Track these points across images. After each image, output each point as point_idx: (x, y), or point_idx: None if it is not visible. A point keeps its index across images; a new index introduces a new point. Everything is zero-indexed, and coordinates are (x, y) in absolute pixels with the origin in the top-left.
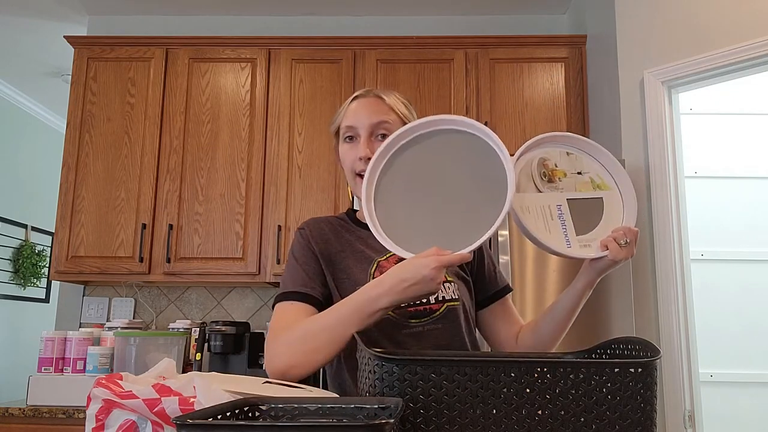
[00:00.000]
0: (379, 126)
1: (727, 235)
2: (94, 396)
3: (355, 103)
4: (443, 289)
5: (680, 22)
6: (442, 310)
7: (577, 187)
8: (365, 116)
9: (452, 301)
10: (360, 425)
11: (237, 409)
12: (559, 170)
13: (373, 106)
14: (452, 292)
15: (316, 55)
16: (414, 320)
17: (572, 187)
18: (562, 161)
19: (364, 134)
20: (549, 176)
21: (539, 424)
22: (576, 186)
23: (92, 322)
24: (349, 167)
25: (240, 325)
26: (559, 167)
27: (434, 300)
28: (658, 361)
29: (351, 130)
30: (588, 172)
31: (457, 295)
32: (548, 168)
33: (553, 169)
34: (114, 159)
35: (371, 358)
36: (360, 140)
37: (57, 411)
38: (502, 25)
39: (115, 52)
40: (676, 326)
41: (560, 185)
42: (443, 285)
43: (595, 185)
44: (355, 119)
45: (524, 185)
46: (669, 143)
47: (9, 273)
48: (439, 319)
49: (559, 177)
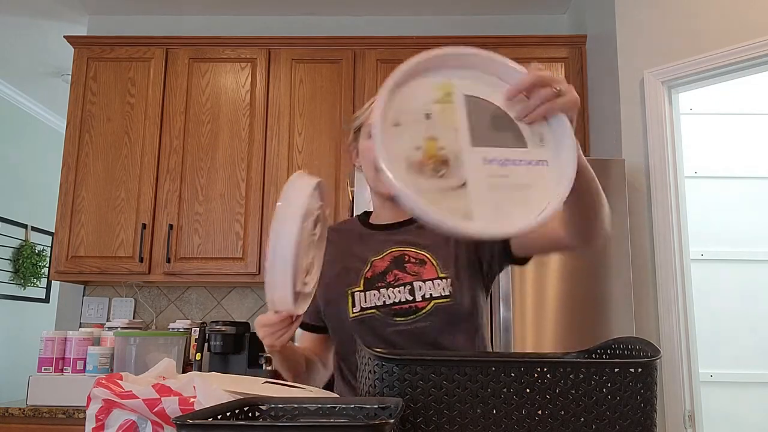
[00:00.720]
0: None
1: (727, 235)
2: (94, 396)
3: None
4: (432, 287)
5: (680, 22)
6: (428, 308)
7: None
8: None
9: (441, 299)
10: (360, 425)
11: (237, 409)
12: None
13: None
14: (442, 289)
15: (316, 55)
16: (399, 318)
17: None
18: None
19: None
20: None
21: (539, 424)
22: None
23: (92, 322)
24: (373, 163)
25: (240, 325)
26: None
27: (420, 298)
28: (658, 361)
29: None
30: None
31: (448, 292)
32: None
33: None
34: (114, 159)
35: (371, 358)
36: None
37: (57, 411)
38: (502, 24)
39: (115, 52)
40: (676, 326)
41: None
42: (433, 282)
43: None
44: None
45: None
46: (669, 143)
47: (9, 273)
48: (426, 316)
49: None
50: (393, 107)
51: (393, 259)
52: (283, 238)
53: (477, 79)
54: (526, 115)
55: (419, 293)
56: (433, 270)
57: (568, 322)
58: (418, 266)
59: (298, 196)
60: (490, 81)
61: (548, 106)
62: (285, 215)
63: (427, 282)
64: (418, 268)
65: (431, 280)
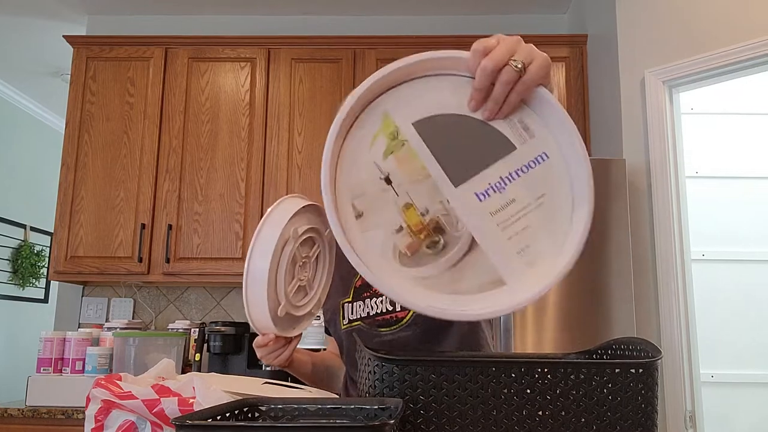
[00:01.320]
0: None
1: (728, 235)
2: (93, 396)
3: None
4: None
5: (681, 22)
6: (408, 317)
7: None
8: None
9: None
10: (360, 426)
11: (236, 410)
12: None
13: None
14: None
15: (315, 55)
16: (383, 329)
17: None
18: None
19: None
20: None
21: (540, 425)
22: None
23: (91, 322)
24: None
25: (239, 325)
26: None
27: (400, 307)
28: (659, 362)
29: None
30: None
31: None
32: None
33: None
34: (113, 159)
35: (371, 358)
36: None
37: (56, 411)
38: (502, 24)
39: (115, 52)
40: (677, 326)
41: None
42: None
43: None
44: None
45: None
46: (670, 143)
47: (8, 273)
48: (408, 326)
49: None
50: (343, 192)
51: None
52: (255, 261)
53: (412, 94)
54: (497, 112)
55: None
56: None
57: (568, 322)
58: None
59: (277, 219)
60: (428, 86)
61: (519, 90)
62: (259, 238)
63: None
64: None
65: None
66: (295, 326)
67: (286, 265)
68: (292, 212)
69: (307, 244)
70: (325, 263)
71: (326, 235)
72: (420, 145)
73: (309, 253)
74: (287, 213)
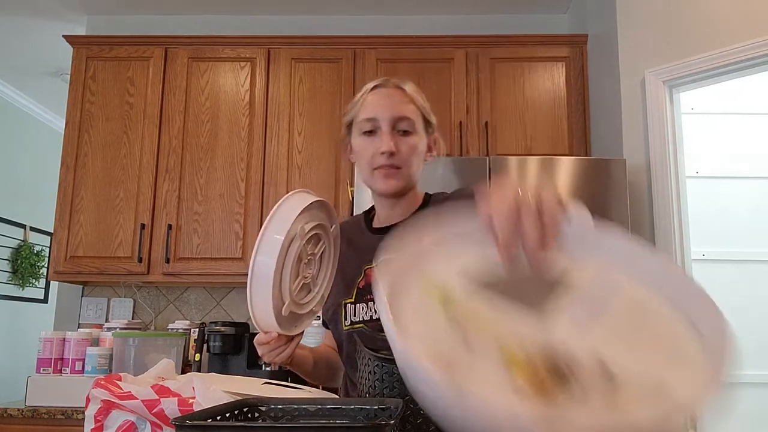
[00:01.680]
0: (401, 121)
1: (728, 235)
2: (93, 397)
3: (374, 94)
4: None
5: (681, 22)
6: None
7: None
8: (387, 108)
9: None
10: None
11: (236, 410)
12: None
13: (395, 97)
14: None
15: (315, 55)
16: (383, 333)
17: None
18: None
19: (386, 127)
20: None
21: None
22: None
23: (91, 322)
24: (367, 161)
25: (239, 325)
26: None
27: None
28: None
29: (371, 123)
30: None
31: None
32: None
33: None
34: (113, 159)
35: (371, 359)
36: (380, 133)
37: (56, 412)
38: (502, 24)
39: (114, 52)
40: None
41: None
42: None
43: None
44: (376, 111)
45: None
46: (670, 143)
47: (7, 273)
48: None
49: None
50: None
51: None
52: (261, 260)
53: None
54: (538, 265)
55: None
56: None
57: None
58: None
59: (284, 216)
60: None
61: (544, 240)
62: (265, 237)
63: None
64: None
65: None
66: (297, 324)
67: (292, 264)
68: (299, 209)
69: (312, 241)
70: (329, 260)
71: (332, 232)
72: (480, 300)
73: (314, 251)
74: (295, 210)
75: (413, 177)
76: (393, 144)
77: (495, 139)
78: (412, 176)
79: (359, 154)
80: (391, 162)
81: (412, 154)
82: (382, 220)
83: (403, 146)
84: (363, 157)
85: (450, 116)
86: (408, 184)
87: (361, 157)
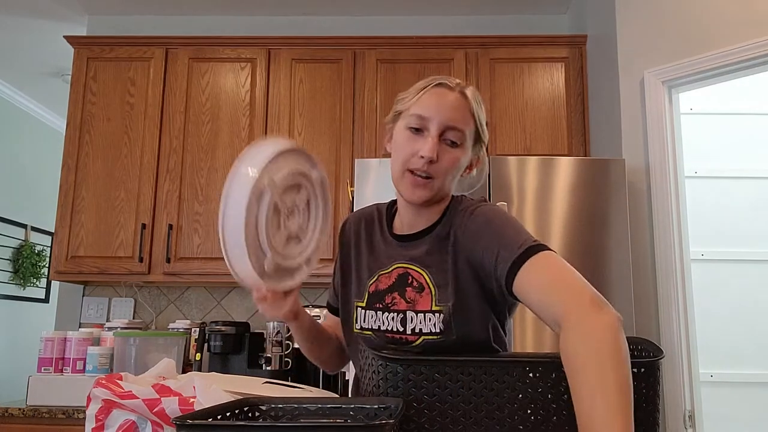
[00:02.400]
0: (452, 130)
1: (727, 235)
2: (94, 396)
3: (435, 92)
4: (423, 321)
5: (680, 22)
6: (418, 342)
7: None
8: (442, 111)
9: (431, 336)
10: (360, 426)
11: (237, 410)
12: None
13: (454, 103)
14: (433, 325)
15: (316, 55)
16: (393, 345)
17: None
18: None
19: (435, 132)
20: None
21: (542, 424)
22: None
23: (92, 322)
24: (403, 158)
25: (240, 325)
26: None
27: (410, 331)
28: (661, 361)
29: (421, 121)
30: None
31: (439, 329)
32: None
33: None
34: (114, 159)
35: (375, 358)
36: (427, 134)
37: (57, 411)
38: (502, 24)
39: (115, 52)
40: (677, 326)
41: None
42: (426, 315)
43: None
44: (430, 111)
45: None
46: (669, 143)
47: (9, 273)
48: (418, 348)
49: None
50: None
51: (398, 277)
52: (227, 220)
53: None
54: None
55: (410, 325)
56: (428, 300)
57: None
58: (416, 292)
59: (246, 170)
60: None
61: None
62: (229, 195)
63: (419, 314)
64: (415, 295)
65: (423, 312)
66: (291, 277)
67: (266, 217)
68: (264, 160)
69: (292, 191)
70: (318, 207)
71: (315, 179)
72: None
73: (295, 201)
74: (259, 161)
75: (444, 189)
76: (435, 152)
77: (494, 140)
78: (443, 188)
79: (398, 147)
80: (426, 169)
81: (451, 168)
82: (405, 224)
83: (445, 157)
84: (400, 153)
85: None
86: (435, 196)
87: (399, 151)
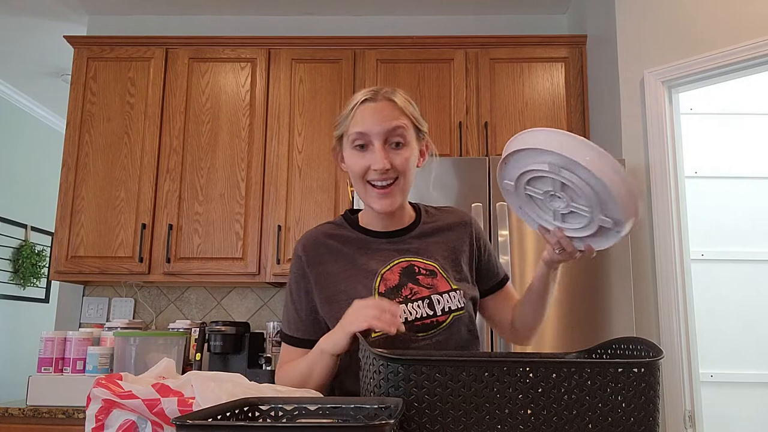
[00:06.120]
0: (393, 132)
1: (727, 235)
2: (94, 396)
3: (365, 108)
4: (449, 299)
5: (680, 22)
6: (448, 321)
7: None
8: (378, 123)
9: (458, 311)
10: (360, 426)
11: (237, 410)
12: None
13: (386, 111)
14: (458, 301)
15: (316, 55)
16: (421, 333)
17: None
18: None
19: (378, 143)
20: None
21: (543, 424)
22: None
23: (92, 322)
24: (359, 174)
25: (240, 325)
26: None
27: (440, 311)
28: (660, 361)
29: (362, 138)
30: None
31: (462, 304)
32: None
33: None
34: (114, 159)
35: (376, 358)
36: (372, 148)
37: (57, 411)
38: (502, 25)
39: (115, 52)
40: (677, 326)
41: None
42: (449, 294)
43: None
44: (367, 125)
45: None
46: (669, 143)
47: (9, 273)
48: (445, 330)
49: None
50: None
51: (402, 270)
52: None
53: None
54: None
55: (439, 307)
56: (445, 282)
57: (568, 321)
58: (430, 278)
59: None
60: None
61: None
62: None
63: (444, 294)
64: (431, 280)
65: (446, 292)
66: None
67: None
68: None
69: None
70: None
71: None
72: None
73: (547, 188)
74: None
75: (408, 185)
76: (387, 161)
77: (494, 140)
78: (407, 185)
79: (352, 166)
80: (385, 177)
81: (406, 165)
82: (379, 226)
83: (396, 159)
84: (356, 170)
85: (450, 117)
86: (403, 198)
87: (354, 168)
